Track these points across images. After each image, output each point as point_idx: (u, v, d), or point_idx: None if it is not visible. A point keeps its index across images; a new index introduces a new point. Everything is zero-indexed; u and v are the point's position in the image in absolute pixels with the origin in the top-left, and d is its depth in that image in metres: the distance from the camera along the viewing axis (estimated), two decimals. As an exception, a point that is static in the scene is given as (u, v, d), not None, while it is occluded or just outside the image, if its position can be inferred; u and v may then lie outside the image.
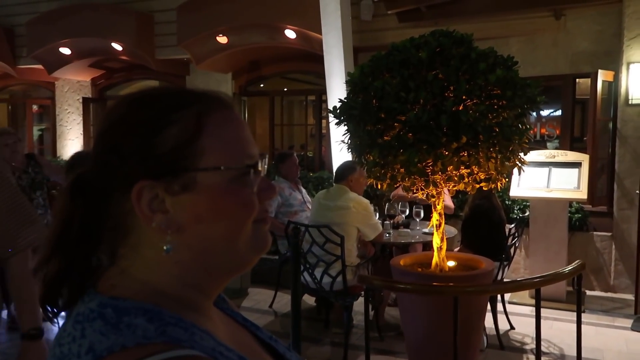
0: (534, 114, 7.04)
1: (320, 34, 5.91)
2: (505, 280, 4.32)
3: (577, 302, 3.16)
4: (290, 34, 6.60)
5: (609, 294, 5.29)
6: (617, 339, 4.19)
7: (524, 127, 3.33)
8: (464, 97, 3.04)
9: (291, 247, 3.04)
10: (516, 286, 3.09)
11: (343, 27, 5.83)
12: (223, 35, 6.89)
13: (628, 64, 5.23)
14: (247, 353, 0.69)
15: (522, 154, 3.35)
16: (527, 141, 3.35)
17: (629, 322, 4.51)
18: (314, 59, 6.44)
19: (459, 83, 3.03)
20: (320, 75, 6.17)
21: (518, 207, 5.63)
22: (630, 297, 4.89)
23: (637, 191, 4.71)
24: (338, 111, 3.39)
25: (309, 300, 4.71)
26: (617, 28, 5.40)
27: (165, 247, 0.66)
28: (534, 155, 5.30)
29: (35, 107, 10.48)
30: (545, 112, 6.89)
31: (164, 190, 0.65)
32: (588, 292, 5.32)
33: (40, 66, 8.28)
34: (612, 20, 5.48)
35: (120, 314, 0.62)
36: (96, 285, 0.67)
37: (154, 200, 0.65)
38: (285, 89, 9.35)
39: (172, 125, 0.66)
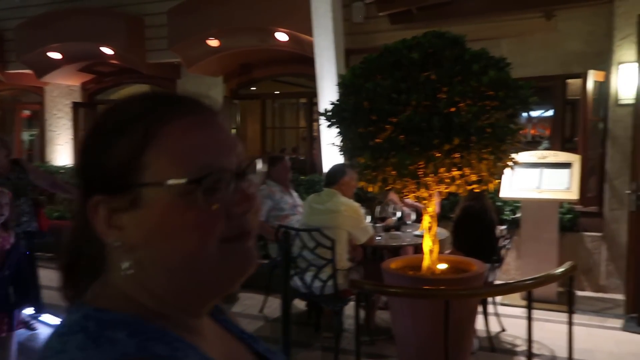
0: (525, 115, 7.09)
1: (312, 36, 5.90)
2: (496, 282, 4.32)
3: (568, 304, 3.16)
4: (281, 36, 6.58)
5: (600, 295, 5.31)
6: (607, 340, 4.20)
7: (515, 128, 3.34)
8: (456, 98, 3.03)
9: (281, 252, 3.02)
10: (508, 289, 3.08)
11: (334, 29, 5.83)
12: (214, 39, 6.86)
13: (618, 64, 5.25)
14: None
15: (514, 155, 3.35)
16: (519, 141, 3.36)
17: (619, 323, 4.52)
18: (305, 62, 6.43)
19: (452, 84, 3.02)
20: (312, 78, 6.15)
21: (509, 208, 5.63)
22: (620, 297, 4.90)
23: (627, 191, 4.72)
24: (329, 113, 3.38)
25: (299, 304, 4.68)
26: (607, 28, 5.43)
27: (122, 265, 0.64)
28: (525, 156, 5.32)
29: (25, 112, 10.40)
30: (536, 113, 6.92)
31: (117, 206, 0.63)
32: (579, 293, 5.32)
33: (29, 71, 8.21)
34: (602, 20, 5.50)
35: (102, 327, 0.60)
36: (84, 295, 0.66)
37: (111, 216, 0.63)
38: (277, 92, 9.33)
39: (120, 139, 0.64)
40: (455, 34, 3.24)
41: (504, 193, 5.20)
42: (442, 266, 3.49)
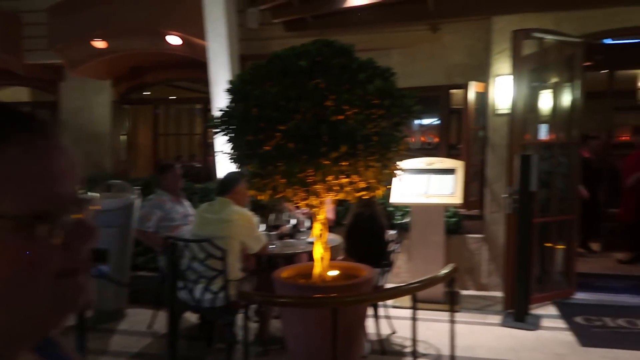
0: (417, 122, 7.41)
1: (205, 40, 5.76)
2: (387, 285, 4.44)
3: (450, 304, 3.31)
4: (173, 40, 6.36)
5: (482, 293, 5.65)
6: (488, 335, 4.47)
7: (400, 136, 3.45)
8: (344, 106, 3.07)
9: (167, 264, 2.89)
10: (394, 293, 3.17)
11: (228, 34, 5.73)
12: (100, 40, 6.49)
13: (496, 76, 5.64)
14: None
15: (400, 162, 3.46)
16: (404, 149, 3.48)
17: (499, 319, 4.83)
18: (201, 67, 6.27)
19: (339, 93, 3.06)
20: (208, 84, 6.01)
21: (400, 213, 5.84)
22: (500, 294, 5.24)
23: (504, 195, 5.06)
24: (218, 120, 3.29)
25: (191, 317, 4.52)
26: (486, 42, 5.80)
27: None
28: (414, 163, 5.55)
29: None
30: (427, 121, 7.26)
31: None
32: (463, 292, 5.63)
33: None
34: (482, 35, 5.88)
35: None
36: None
37: None
38: (172, 97, 9.02)
39: None
40: (343, 43, 3.29)
41: (395, 199, 5.39)
42: (333, 273, 3.52)
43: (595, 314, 4.90)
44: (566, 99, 5.43)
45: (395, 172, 3.39)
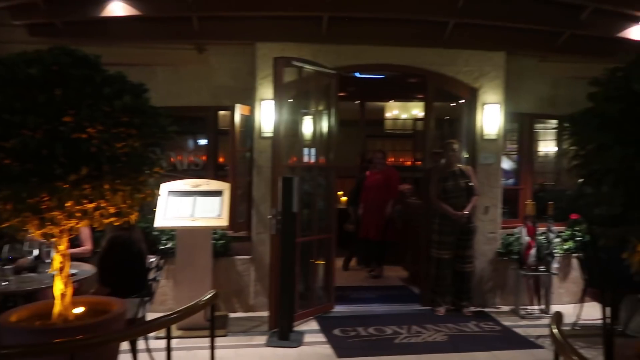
0: (191, 143, 7.20)
1: None
2: (149, 315, 4.12)
3: (210, 332, 3.18)
4: None
5: (250, 314, 5.66)
6: (252, 357, 4.46)
7: (156, 157, 3.23)
8: (85, 123, 2.73)
9: None
10: (147, 328, 2.91)
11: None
12: None
13: (260, 100, 5.77)
14: None
15: (161, 184, 3.23)
16: (159, 171, 3.25)
17: (264, 339, 4.87)
18: None
19: (80, 107, 2.73)
20: None
21: (166, 237, 5.54)
22: (266, 314, 5.30)
23: (269, 216, 5.17)
24: None
25: None
26: (251, 67, 5.92)
27: None
28: (179, 185, 5.34)
29: None
30: (195, 142, 7.09)
31: None
32: (231, 315, 5.58)
33: None
34: (247, 59, 5.98)
35: None
36: None
37: None
38: None
39: None
40: (87, 53, 2.95)
41: (159, 222, 5.09)
42: (78, 310, 3.11)
43: (350, 325, 5.27)
44: (324, 125, 5.82)
45: (149, 196, 3.14)
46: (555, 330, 2.60)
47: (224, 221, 5.16)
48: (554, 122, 6.98)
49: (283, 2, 5.51)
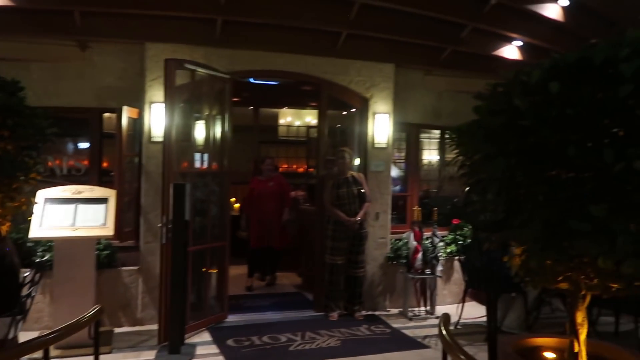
0: (71, 146, 6.67)
1: None
2: (22, 335, 3.75)
3: (95, 349, 2.96)
4: None
5: (137, 328, 5.36)
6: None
7: (32, 162, 2.95)
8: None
9: None
10: (18, 352, 2.62)
11: None
12: None
13: (150, 103, 5.51)
14: None
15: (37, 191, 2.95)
16: (36, 177, 2.98)
17: (153, 354, 4.63)
18: None
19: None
20: None
21: (43, 248, 5.09)
22: (156, 327, 5.05)
23: (159, 224, 4.94)
24: None
25: None
26: (140, 68, 5.63)
27: None
28: (58, 192, 4.93)
29: None
30: (76, 145, 6.60)
31: None
32: (117, 330, 5.25)
33: None
34: (135, 59, 5.68)
35: None
36: None
37: None
38: None
39: None
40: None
41: (35, 233, 4.65)
42: None
43: (244, 335, 5.18)
44: (218, 130, 5.69)
45: (23, 204, 2.86)
46: (443, 331, 2.73)
47: (109, 230, 4.83)
48: (437, 132, 7.40)
49: (175, 1, 5.32)
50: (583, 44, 5.94)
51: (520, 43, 6.46)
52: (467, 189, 2.39)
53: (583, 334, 2.31)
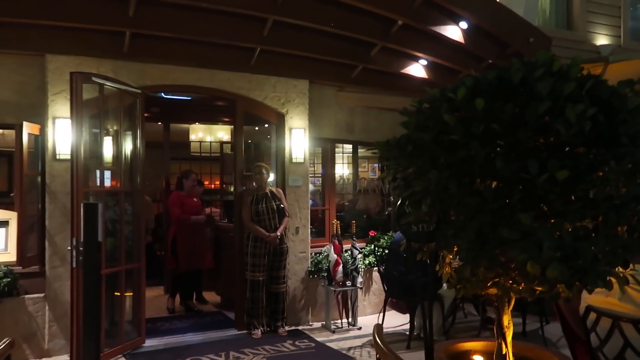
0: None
1: None
2: None
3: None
4: None
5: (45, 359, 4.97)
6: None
7: None
8: None
9: None
10: None
11: None
12: None
13: (54, 118, 5.17)
14: None
15: None
16: None
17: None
18: None
19: None
20: None
21: None
22: (66, 357, 4.70)
23: (68, 247, 4.62)
24: None
25: None
26: (41, 81, 5.27)
27: None
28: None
29: None
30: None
31: None
32: (21, 365, 4.83)
33: None
34: (35, 73, 5.30)
35: None
36: None
37: None
38: None
39: None
40: None
41: None
42: None
43: (163, 359, 4.95)
44: (129, 147, 5.45)
45: None
46: (378, 341, 2.78)
47: (11, 256, 4.49)
48: (350, 147, 7.59)
49: (78, 12, 5.01)
50: (481, 63, 6.37)
51: (425, 62, 6.80)
52: (399, 201, 2.47)
53: (509, 336, 2.45)
